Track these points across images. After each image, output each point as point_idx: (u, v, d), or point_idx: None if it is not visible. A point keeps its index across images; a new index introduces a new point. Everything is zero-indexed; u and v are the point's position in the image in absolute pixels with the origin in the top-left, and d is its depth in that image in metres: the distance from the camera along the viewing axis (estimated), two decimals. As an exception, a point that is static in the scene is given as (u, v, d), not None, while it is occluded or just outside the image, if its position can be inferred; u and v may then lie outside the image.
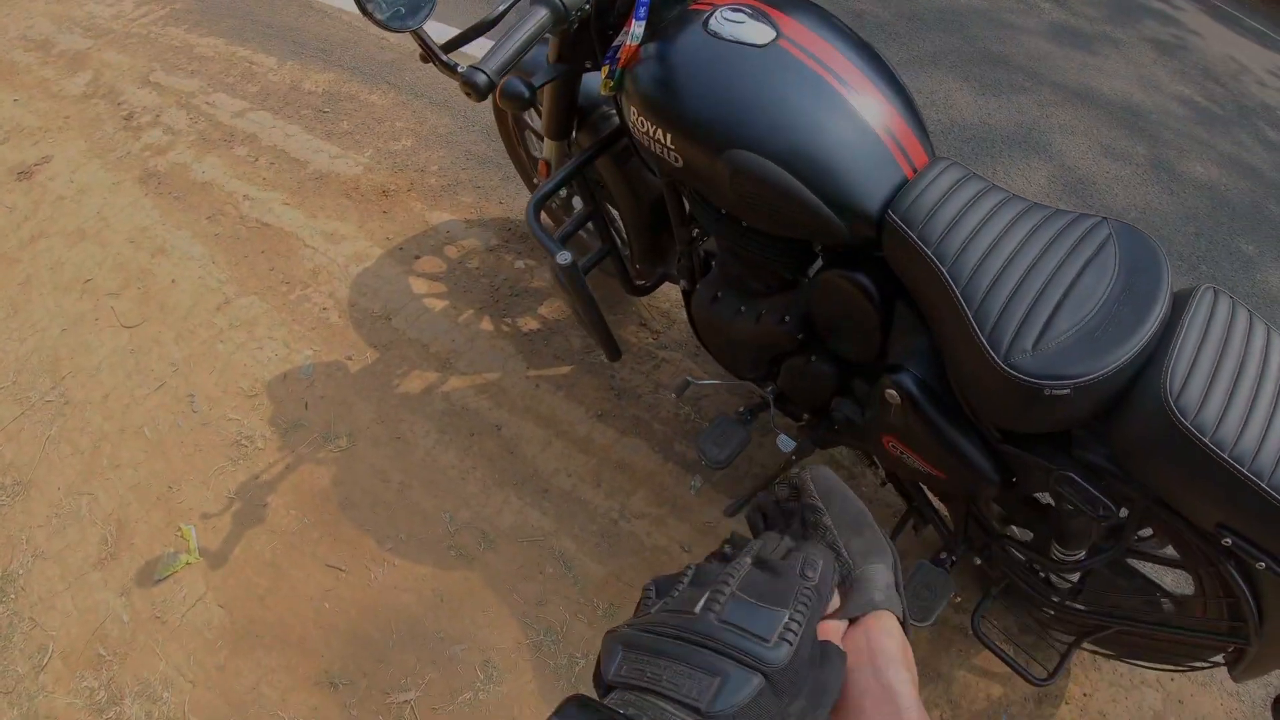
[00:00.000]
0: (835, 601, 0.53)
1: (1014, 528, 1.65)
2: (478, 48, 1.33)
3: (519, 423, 2.22)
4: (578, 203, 2.33)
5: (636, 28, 1.34)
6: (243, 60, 3.63)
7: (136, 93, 3.48)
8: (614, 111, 1.75)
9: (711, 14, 1.34)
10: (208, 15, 4.00)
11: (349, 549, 1.98)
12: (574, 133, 1.82)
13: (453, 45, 1.29)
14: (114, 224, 2.85)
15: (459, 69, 1.24)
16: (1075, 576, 1.58)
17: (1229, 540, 1.09)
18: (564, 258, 1.56)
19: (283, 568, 1.95)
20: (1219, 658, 1.38)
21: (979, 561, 1.65)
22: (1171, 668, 1.55)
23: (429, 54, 1.27)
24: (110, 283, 2.64)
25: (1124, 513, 1.27)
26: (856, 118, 1.29)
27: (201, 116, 3.30)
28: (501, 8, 1.28)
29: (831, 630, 0.51)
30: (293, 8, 4.02)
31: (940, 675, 1.79)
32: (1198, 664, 1.45)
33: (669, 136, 1.35)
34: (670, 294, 2.47)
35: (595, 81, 1.66)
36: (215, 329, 2.48)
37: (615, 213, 2.06)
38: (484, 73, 1.19)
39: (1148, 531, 1.44)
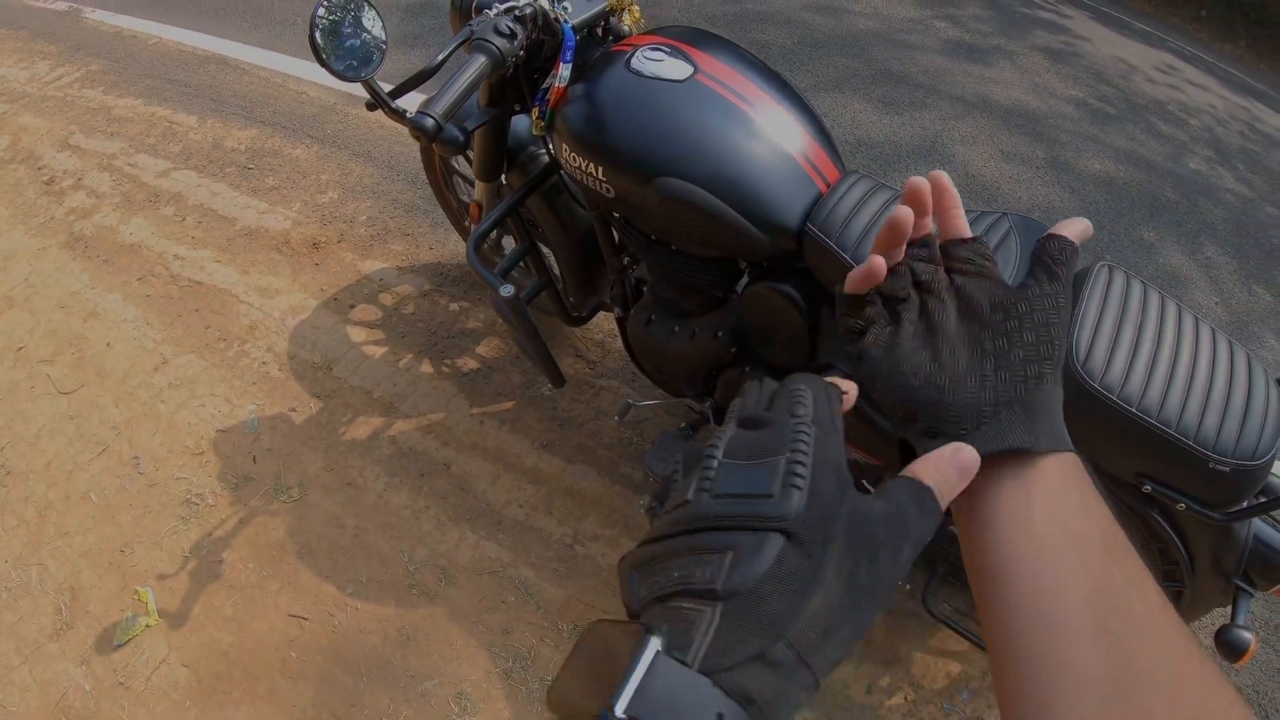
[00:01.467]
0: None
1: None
2: (408, 101, 1.40)
3: (467, 459, 2.26)
4: (507, 242, 2.39)
5: (564, 70, 1.43)
6: (163, 120, 3.62)
7: (56, 156, 3.45)
8: (542, 152, 1.83)
9: (632, 54, 1.44)
10: (124, 76, 3.98)
11: (310, 597, 1.98)
12: (504, 174, 1.89)
13: (396, 94, 1.36)
14: (42, 290, 2.81)
15: (407, 114, 1.31)
16: None
17: (1148, 487, 1.20)
18: (507, 290, 1.63)
19: (245, 621, 1.95)
20: None
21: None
22: None
23: (378, 101, 1.33)
24: (43, 349, 2.61)
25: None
26: (771, 142, 1.40)
27: (125, 178, 3.28)
28: (441, 57, 1.35)
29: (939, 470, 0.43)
30: (209, 66, 4.02)
31: (899, 659, 1.87)
32: None
33: (600, 169, 1.43)
34: (603, 325, 2.54)
35: (523, 124, 1.74)
36: (155, 389, 2.46)
37: (546, 249, 2.12)
38: (431, 116, 1.27)
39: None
